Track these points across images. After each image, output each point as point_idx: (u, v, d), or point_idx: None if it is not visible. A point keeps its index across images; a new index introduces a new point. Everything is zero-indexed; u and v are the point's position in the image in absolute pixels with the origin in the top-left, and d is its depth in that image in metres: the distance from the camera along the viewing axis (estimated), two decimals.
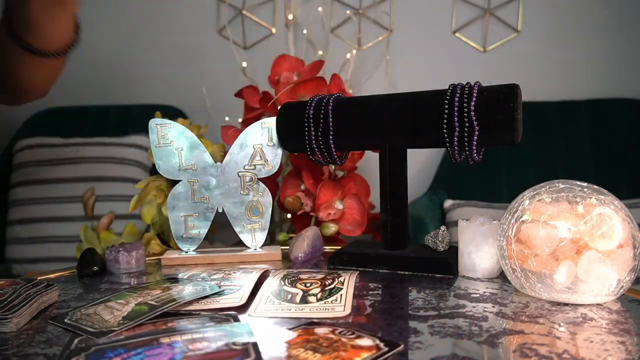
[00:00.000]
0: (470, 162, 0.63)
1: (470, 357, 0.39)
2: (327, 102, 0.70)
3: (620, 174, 1.37)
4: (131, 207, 0.86)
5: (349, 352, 0.39)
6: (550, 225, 0.50)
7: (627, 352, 0.39)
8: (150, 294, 0.53)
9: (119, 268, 0.69)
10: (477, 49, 1.51)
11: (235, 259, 0.73)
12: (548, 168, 1.40)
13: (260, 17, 1.59)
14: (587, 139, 1.41)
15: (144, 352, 0.38)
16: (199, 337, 0.41)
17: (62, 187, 1.38)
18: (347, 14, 1.53)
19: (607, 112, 1.43)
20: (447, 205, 1.33)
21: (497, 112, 0.59)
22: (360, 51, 1.53)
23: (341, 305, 0.50)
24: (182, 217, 0.74)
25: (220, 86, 1.55)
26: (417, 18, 1.53)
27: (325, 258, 0.74)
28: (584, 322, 0.46)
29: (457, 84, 0.62)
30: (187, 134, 0.74)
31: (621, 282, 0.49)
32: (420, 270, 0.64)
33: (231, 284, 0.58)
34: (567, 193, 0.52)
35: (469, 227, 0.61)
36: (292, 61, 1.02)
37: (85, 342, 0.42)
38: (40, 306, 0.52)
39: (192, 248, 0.75)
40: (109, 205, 1.31)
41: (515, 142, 0.60)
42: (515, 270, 0.53)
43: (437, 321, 0.47)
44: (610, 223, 0.49)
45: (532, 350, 0.40)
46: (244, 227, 0.75)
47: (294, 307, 0.50)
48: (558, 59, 1.50)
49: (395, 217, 0.68)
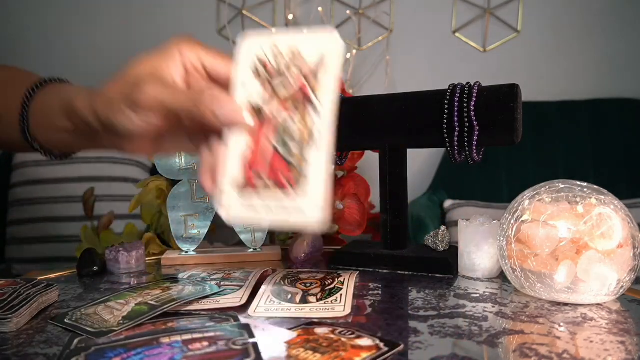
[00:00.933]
0: (470, 162, 0.63)
1: (470, 357, 0.39)
2: None
3: (620, 174, 1.37)
4: (131, 207, 0.86)
5: (349, 352, 0.39)
6: (550, 225, 0.50)
7: (627, 352, 0.39)
8: (150, 294, 0.53)
9: (119, 268, 0.69)
10: (477, 49, 1.51)
11: (235, 259, 0.73)
12: (548, 168, 1.40)
13: (260, 17, 1.59)
14: (587, 139, 1.41)
15: (144, 352, 0.38)
16: (199, 337, 0.41)
17: (62, 187, 1.38)
18: (347, 14, 1.53)
19: (607, 112, 1.43)
20: (447, 205, 1.33)
21: (497, 112, 0.59)
22: (360, 51, 1.53)
23: (341, 305, 0.50)
24: (182, 217, 0.74)
25: None
26: (417, 18, 1.53)
27: (325, 258, 0.74)
28: (584, 322, 0.46)
29: (457, 84, 0.62)
30: None
31: (621, 282, 0.49)
32: (420, 270, 0.64)
33: (231, 284, 0.58)
34: (567, 193, 0.52)
35: (469, 227, 0.61)
36: None
37: (85, 342, 0.42)
38: (40, 306, 0.52)
39: (192, 248, 0.75)
40: (109, 205, 1.31)
41: (515, 142, 0.60)
42: (515, 270, 0.53)
43: (437, 321, 0.47)
44: (610, 223, 0.49)
45: (532, 350, 0.40)
46: (244, 227, 0.75)
47: (294, 307, 0.50)
48: (558, 59, 1.50)
49: (395, 217, 0.68)
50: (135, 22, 1.67)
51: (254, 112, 0.42)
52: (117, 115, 0.42)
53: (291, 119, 0.41)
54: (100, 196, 1.25)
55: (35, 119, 0.50)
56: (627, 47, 1.47)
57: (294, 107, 0.41)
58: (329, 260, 0.69)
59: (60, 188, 1.37)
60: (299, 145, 0.40)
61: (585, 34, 1.48)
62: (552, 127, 1.43)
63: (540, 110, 1.44)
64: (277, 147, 0.41)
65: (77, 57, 1.67)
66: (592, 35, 1.48)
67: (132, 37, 1.67)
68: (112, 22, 1.67)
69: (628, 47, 1.47)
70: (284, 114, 0.41)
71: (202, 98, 0.40)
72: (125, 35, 1.67)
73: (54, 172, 1.39)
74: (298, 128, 0.41)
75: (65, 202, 1.36)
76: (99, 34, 1.66)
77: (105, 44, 1.67)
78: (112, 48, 1.68)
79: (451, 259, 0.63)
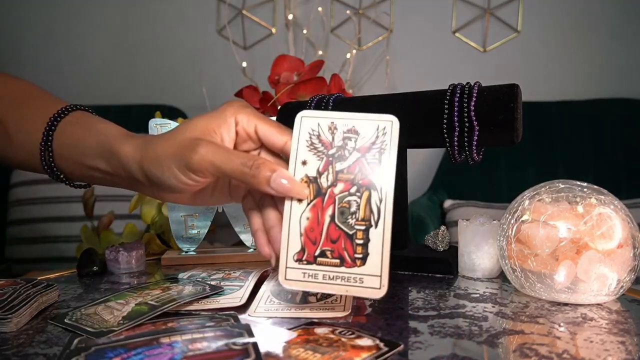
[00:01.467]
0: (470, 162, 0.63)
1: (470, 357, 0.39)
2: (327, 102, 0.70)
3: (620, 174, 1.37)
4: (131, 207, 0.86)
5: (349, 352, 0.39)
6: (550, 225, 0.50)
7: (627, 352, 0.39)
8: (150, 294, 0.53)
9: (119, 268, 0.69)
10: (477, 49, 1.51)
11: (235, 259, 0.73)
12: (548, 168, 1.40)
13: (260, 17, 1.59)
14: (587, 139, 1.41)
15: (144, 352, 0.38)
16: (199, 337, 0.41)
17: (62, 187, 1.38)
18: (347, 14, 1.53)
19: (607, 112, 1.43)
20: (447, 205, 1.33)
21: (497, 112, 0.59)
22: (360, 51, 1.53)
23: (341, 305, 0.50)
24: (182, 217, 0.74)
25: (220, 86, 1.55)
26: (417, 18, 1.53)
27: None
28: (584, 322, 0.46)
29: (457, 83, 0.62)
30: None
31: (621, 282, 0.49)
32: (420, 270, 0.64)
33: (231, 284, 0.58)
34: (567, 193, 0.52)
35: (469, 227, 0.61)
36: (292, 61, 1.02)
37: (85, 342, 0.42)
38: (40, 306, 0.52)
39: (192, 248, 0.75)
40: (109, 205, 1.31)
41: (515, 142, 0.60)
42: (515, 270, 0.53)
43: (437, 321, 0.47)
44: (610, 223, 0.49)
45: (532, 350, 0.40)
46: (244, 227, 0.75)
47: (294, 307, 0.50)
48: (558, 59, 1.50)
49: (395, 217, 0.67)
50: (136, 22, 1.67)
51: (310, 184, 0.43)
52: (167, 174, 0.42)
53: (349, 194, 0.42)
54: (100, 196, 1.25)
55: (61, 151, 0.49)
56: (627, 47, 1.47)
57: (352, 183, 0.43)
58: None
59: (60, 188, 1.37)
60: (359, 220, 0.42)
61: (585, 34, 1.48)
62: (552, 127, 1.43)
63: (540, 110, 1.44)
64: (336, 221, 0.42)
65: (77, 58, 1.67)
66: (592, 35, 1.48)
67: (132, 37, 1.67)
68: (113, 22, 1.67)
69: (628, 47, 1.47)
70: (342, 187, 0.43)
71: (257, 165, 0.41)
72: (126, 35, 1.67)
73: None
74: (357, 203, 0.42)
75: (65, 202, 1.36)
76: (99, 34, 1.66)
77: (105, 44, 1.67)
78: (112, 48, 1.68)
79: (451, 259, 0.63)
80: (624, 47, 1.47)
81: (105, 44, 1.67)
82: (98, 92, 1.68)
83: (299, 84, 0.95)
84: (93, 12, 1.64)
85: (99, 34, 1.66)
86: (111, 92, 1.68)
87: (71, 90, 1.70)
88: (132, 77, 1.67)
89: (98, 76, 1.68)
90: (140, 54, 1.67)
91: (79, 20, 1.64)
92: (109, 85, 1.68)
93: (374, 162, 0.43)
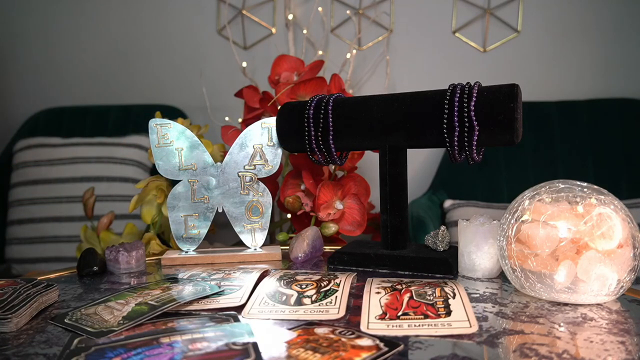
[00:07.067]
0: (470, 162, 0.63)
1: (470, 357, 0.39)
2: (327, 102, 0.70)
3: (620, 174, 1.37)
4: (131, 207, 0.86)
5: (349, 352, 0.39)
6: (550, 225, 0.50)
7: (627, 352, 0.39)
8: (150, 294, 0.53)
9: (119, 268, 0.69)
10: (477, 49, 1.51)
11: (235, 259, 0.73)
12: (548, 168, 1.40)
13: (260, 17, 1.59)
14: (587, 139, 1.41)
15: (144, 352, 0.38)
16: (199, 337, 0.41)
17: (62, 187, 1.38)
18: (347, 14, 1.53)
19: (607, 112, 1.43)
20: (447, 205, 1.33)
21: (497, 112, 0.59)
22: (360, 51, 1.53)
23: (335, 308, 0.50)
24: (182, 217, 0.74)
25: (220, 86, 1.55)
26: (417, 18, 1.53)
27: (325, 258, 0.74)
28: (584, 322, 0.46)
29: (457, 84, 0.62)
30: (187, 134, 0.74)
31: (621, 282, 0.49)
32: (420, 270, 0.64)
33: (231, 284, 0.58)
34: (567, 193, 0.52)
35: (469, 227, 0.61)
36: (292, 61, 1.02)
37: (85, 342, 0.42)
38: (40, 306, 0.52)
39: (192, 248, 0.75)
40: (109, 205, 1.31)
41: (515, 142, 0.60)
42: (515, 270, 0.53)
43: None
44: (610, 223, 0.49)
45: (532, 350, 0.40)
46: (244, 227, 0.75)
47: (287, 309, 0.50)
48: (558, 59, 1.50)
49: (395, 217, 0.68)
50: (136, 22, 1.66)
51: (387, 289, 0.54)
52: None
53: (425, 292, 0.52)
54: (100, 196, 1.25)
55: None
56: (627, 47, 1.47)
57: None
58: (328, 261, 0.69)
59: (60, 188, 1.37)
60: (437, 296, 0.51)
61: (585, 34, 1.48)
62: (552, 127, 1.43)
63: (540, 110, 1.44)
64: (414, 297, 0.51)
65: (77, 57, 1.67)
66: (592, 35, 1.48)
67: (132, 37, 1.67)
68: (112, 22, 1.67)
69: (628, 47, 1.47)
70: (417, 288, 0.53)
71: None
72: (125, 35, 1.67)
73: (54, 172, 1.39)
74: (432, 291, 0.52)
75: (65, 202, 1.36)
76: (99, 34, 1.66)
77: (105, 44, 1.67)
78: (112, 48, 1.68)
79: (451, 259, 0.63)
80: (624, 47, 1.47)
81: (105, 44, 1.67)
82: (98, 92, 1.68)
83: (299, 84, 0.95)
84: (93, 12, 1.64)
85: (98, 33, 1.66)
86: (111, 92, 1.68)
87: (71, 90, 1.70)
88: (132, 77, 1.67)
89: (98, 76, 1.68)
90: (140, 54, 1.67)
91: (79, 20, 1.64)
92: (109, 85, 1.68)
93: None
